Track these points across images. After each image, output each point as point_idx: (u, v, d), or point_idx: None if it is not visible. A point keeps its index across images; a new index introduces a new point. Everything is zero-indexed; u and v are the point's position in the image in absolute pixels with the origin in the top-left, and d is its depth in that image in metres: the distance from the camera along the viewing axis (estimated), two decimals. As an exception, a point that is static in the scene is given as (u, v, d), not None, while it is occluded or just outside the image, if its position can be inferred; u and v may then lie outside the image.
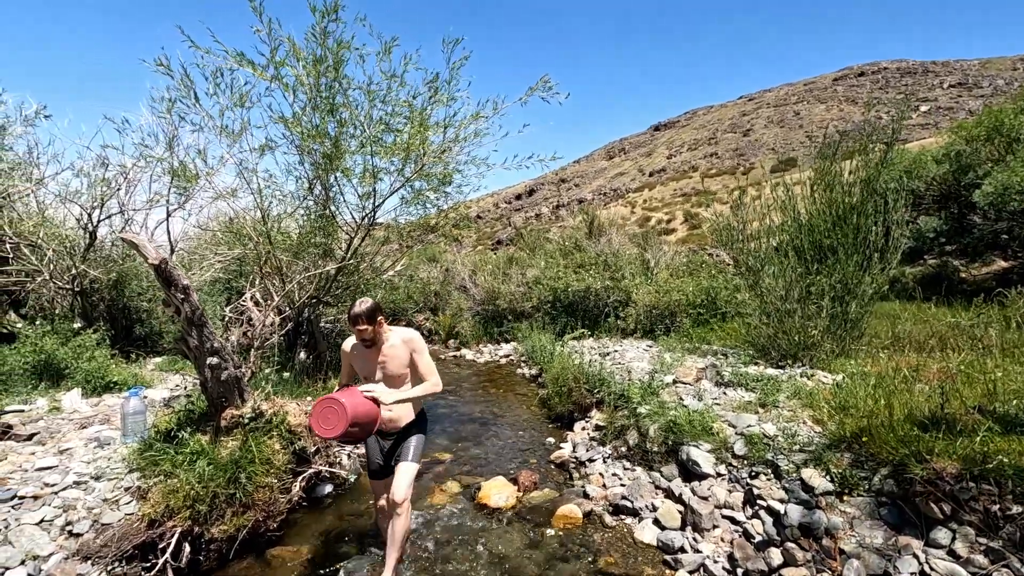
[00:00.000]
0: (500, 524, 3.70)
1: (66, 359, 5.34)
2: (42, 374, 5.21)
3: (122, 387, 5.47)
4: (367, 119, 4.97)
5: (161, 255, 2.85)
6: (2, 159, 6.17)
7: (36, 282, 5.92)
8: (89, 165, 6.27)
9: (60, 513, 3.05)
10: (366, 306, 2.92)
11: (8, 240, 5.70)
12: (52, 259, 5.94)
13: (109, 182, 6.48)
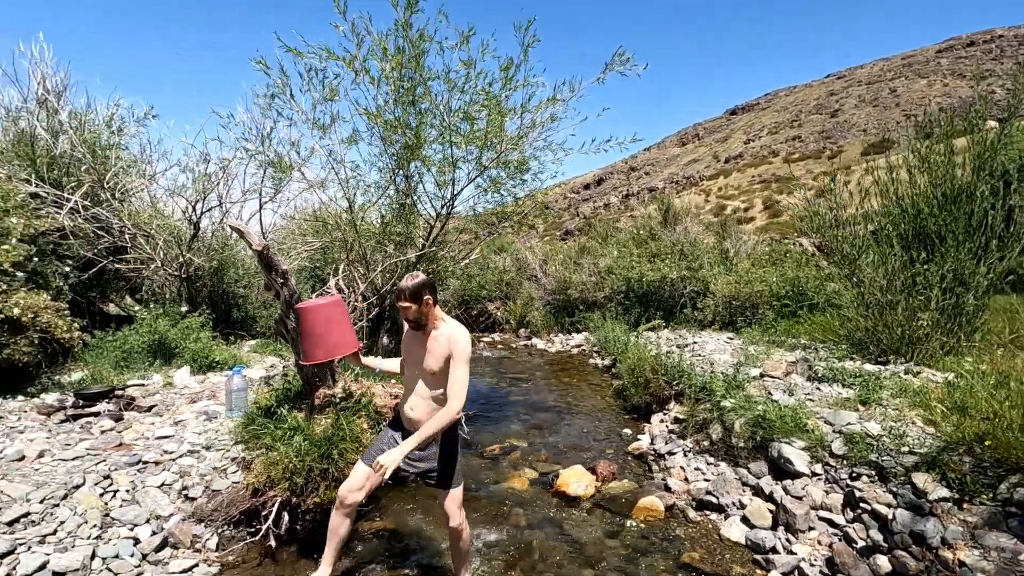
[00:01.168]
0: (579, 512, 3.68)
1: (176, 339, 5.84)
2: (156, 353, 5.72)
3: (223, 366, 5.92)
4: (446, 108, 5.04)
5: (264, 242, 3.03)
6: (121, 157, 6.81)
7: (150, 269, 6.50)
8: (193, 161, 6.81)
9: (177, 478, 3.34)
10: (413, 282, 2.57)
11: (127, 231, 6.28)
12: (163, 248, 6.49)
13: (210, 177, 7.00)
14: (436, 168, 5.23)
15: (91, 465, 3.26)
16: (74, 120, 6.38)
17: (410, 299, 2.57)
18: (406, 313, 2.61)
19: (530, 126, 5.27)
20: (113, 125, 6.97)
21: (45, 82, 6.32)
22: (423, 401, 2.69)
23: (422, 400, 2.70)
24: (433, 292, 2.65)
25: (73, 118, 6.43)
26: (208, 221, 7.49)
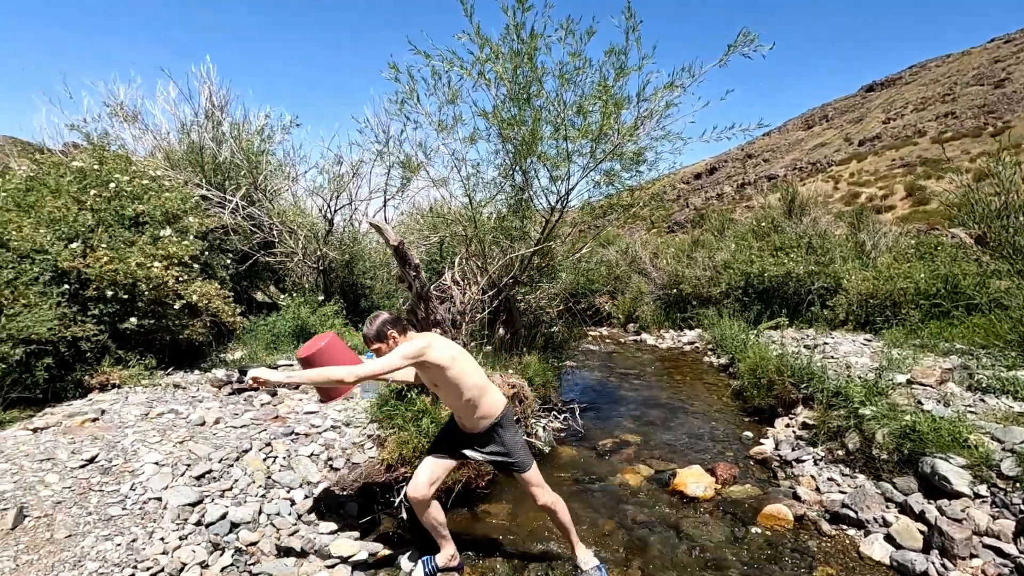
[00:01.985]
0: (697, 514, 3.58)
1: (315, 325, 6.47)
2: (299, 336, 6.39)
3: (354, 351, 6.46)
4: (559, 103, 5.09)
5: (399, 238, 3.28)
6: (270, 162, 7.64)
7: (293, 262, 7.27)
8: (328, 163, 7.48)
9: (323, 450, 3.74)
10: (373, 326, 2.69)
11: (275, 227, 7.07)
12: (304, 242, 7.22)
13: (342, 177, 7.64)
14: (550, 163, 5.30)
15: (255, 433, 3.74)
16: (233, 130, 7.27)
17: (375, 339, 2.69)
18: (379, 354, 2.67)
19: (646, 115, 5.15)
20: (264, 133, 7.84)
21: (212, 97, 7.27)
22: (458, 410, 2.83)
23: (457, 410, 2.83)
24: (396, 325, 2.74)
25: (232, 128, 7.33)
26: (340, 218, 8.20)
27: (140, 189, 5.30)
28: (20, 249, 4.11)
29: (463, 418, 2.81)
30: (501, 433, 2.79)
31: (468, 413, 2.76)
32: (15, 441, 3.15)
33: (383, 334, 2.68)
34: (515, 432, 2.86)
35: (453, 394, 2.71)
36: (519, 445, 2.84)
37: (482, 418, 2.76)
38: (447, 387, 2.68)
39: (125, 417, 3.63)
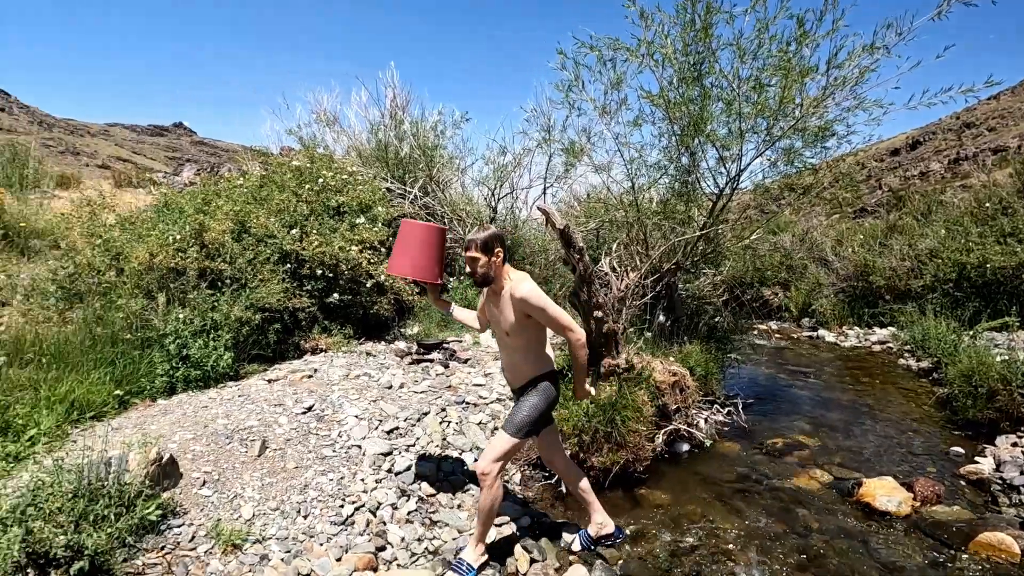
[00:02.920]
0: (888, 530, 3.19)
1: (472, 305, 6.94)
2: (465, 316, 6.91)
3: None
4: (734, 77, 4.77)
5: (566, 222, 3.38)
6: (442, 156, 8.31)
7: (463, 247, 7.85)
8: (493, 154, 7.90)
9: (490, 420, 4.03)
10: (484, 233, 2.53)
11: (446, 216, 7.69)
12: (471, 230, 7.75)
13: (505, 167, 8.03)
14: (720, 143, 5.01)
15: (432, 399, 4.17)
16: (412, 128, 8.04)
17: (481, 250, 2.50)
18: (473, 266, 2.54)
19: (836, 84, 4.60)
20: (437, 129, 8.54)
21: (395, 99, 8.11)
22: (509, 359, 2.76)
23: (508, 358, 2.76)
24: (504, 247, 2.59)
25: (412, 126, 8.11)
26: (502, 206, 8.64)
27: (340, 183, 6.15)
28: (257, 234, 5.03)
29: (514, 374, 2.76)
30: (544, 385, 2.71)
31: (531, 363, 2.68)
32: (256, 388, 3.91)
33: (491, 247, 2.52)
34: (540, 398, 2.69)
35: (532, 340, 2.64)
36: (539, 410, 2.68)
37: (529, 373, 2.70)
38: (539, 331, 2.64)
39: (331, 376, 4.29)
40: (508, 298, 2.54)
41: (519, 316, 2.53)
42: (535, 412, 2.65)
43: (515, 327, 2.58)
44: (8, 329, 3.52)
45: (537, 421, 2.67)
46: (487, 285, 2.63)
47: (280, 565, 2.38)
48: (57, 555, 1.90)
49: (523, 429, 2.63)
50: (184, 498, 2.61)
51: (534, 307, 2.47)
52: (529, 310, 2.49)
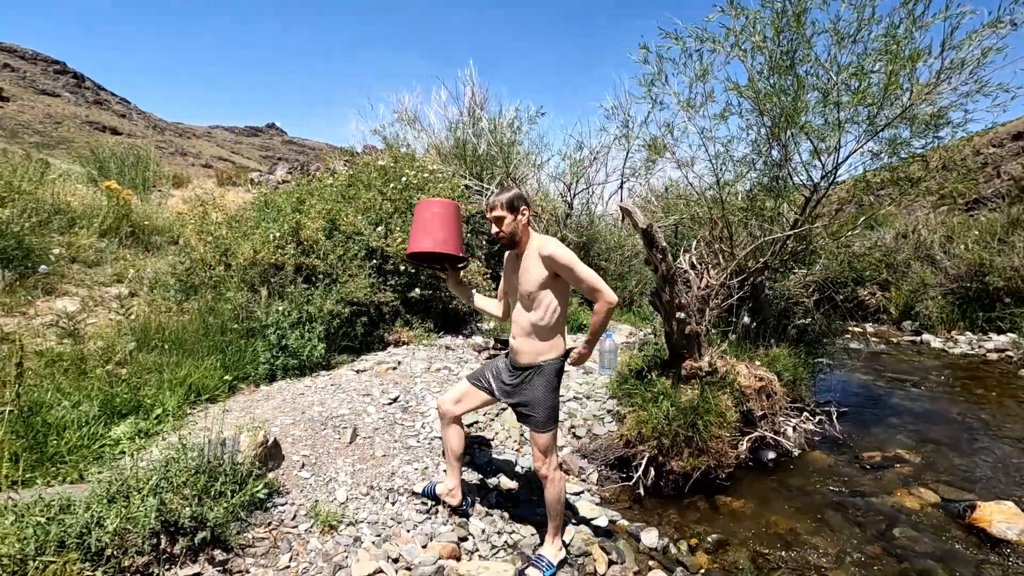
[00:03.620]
0: (1008, 559, 2.90)
1: (554, 303, 6.96)
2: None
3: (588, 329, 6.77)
4: (831, 64, 4.46)
5: (648, 220, 3.32)
6: (519, 152, 8.37)
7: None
8: (570, 149, 7.87)
9: (567, 418, 4.05)
10: (508, 193, 2.48)
11: (522, 212, 7.77)
12: (546, 225, 7.77)
13: (582, 162, 7.97)
14: (815, 135, 4.71)
15: (510, 394, 4.24)
16: (490, 125, 8.15)
17: (506, 208, 2.45)
18: (499, 225, 2.48)
19: (952, 67, 4.19)
20: (513, 126, 8.61)
21: (474, 97, 8.26)
22: (522, 329, 2.57)
23: (521, 329, 2.58)
24: (528, 206, 2.54)
25: (489, 123, 8.22)
26: (578, 201, 8.59)
27: (422, 181, 6.35)
28: (346, 232, 5.31)
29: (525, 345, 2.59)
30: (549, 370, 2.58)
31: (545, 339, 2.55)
32: (346, 379, 4.15)
33: (516, 206, 2.48)
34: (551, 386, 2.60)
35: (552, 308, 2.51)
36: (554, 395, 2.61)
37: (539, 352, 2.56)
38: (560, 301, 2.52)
39: (414, 369, 4.47)
40: (535, 256, 2.48)
41: (545, 277, 2.45)
42: (549, 402, 2.59)
43: (538, 290, 2.48)
44: (137, 317, 3.96)
45: (555, 407, 2.63)
46: (513, 247, 2.59)
47: (372, 548, 2.53)
48: (184, 525, 2.13)
49: (552, 419, 2.61)
50: (286, 479, 2.83)
51: (561, 264, 2.40)
52: (556, 268, 2.42)
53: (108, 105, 55.91)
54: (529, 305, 2.53)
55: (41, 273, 3.98)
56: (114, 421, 2.94)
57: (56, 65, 55.78)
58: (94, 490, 2.11)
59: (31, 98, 47.16)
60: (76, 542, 1.85)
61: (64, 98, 50.86)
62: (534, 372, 2.58)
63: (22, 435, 2.52)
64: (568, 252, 2.44)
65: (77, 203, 5.25)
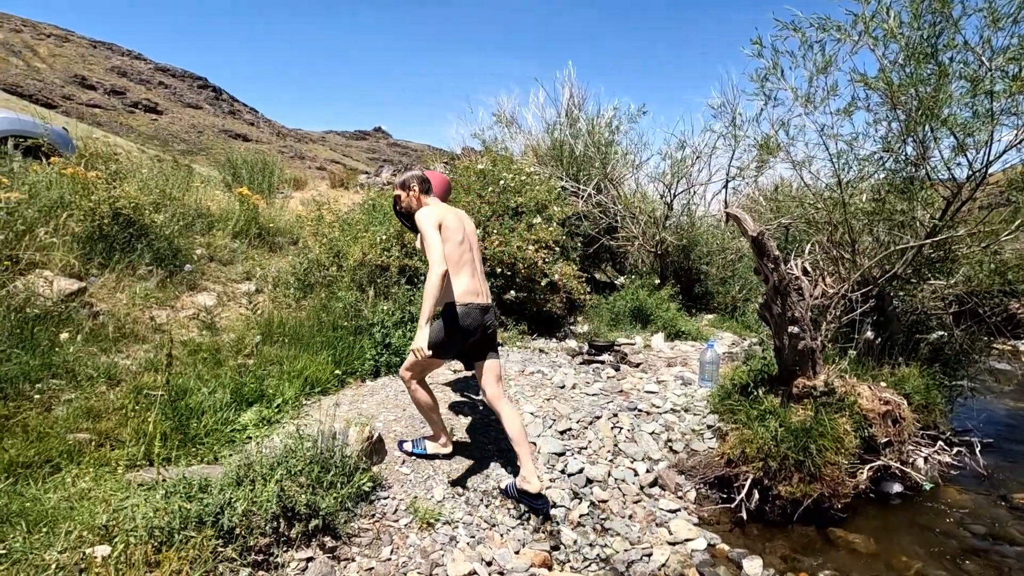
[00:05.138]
0: None
1: (650, 308, 6.75)
2: (635, 317, 6.77)
3: (688, 336, 6.50)
4: (983, 48, 3.92)
5: (759, 227, 3.11)
6: (616, 152, 8.20)
7: (635, 246, 7.70)
8: (672, 148, 7.58)
9: (663, 430, 3.91)
10: (401, 176, 3.15)
11: (619, 213, 7.60)
12: (643, 227, 7.56)
13: (683, 161, 7.65)
14: (960, 128, 4.16)
15: (603, 403, 4.18)
16: (588, 125, 8.06)
17: (400, 188, 3.09)
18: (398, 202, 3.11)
19: None
20: (612, 125, 8.45)
21: (572, 98, 8.21)
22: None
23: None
24: (420, 184, 3.08)
25: (587, 123, 8.13)
26: (678, 203, 8.25)
27: (519, 184, 6.42)
28: (446, 234, 5.49)
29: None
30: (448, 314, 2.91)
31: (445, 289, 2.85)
32: (444, 379, 4.29)
33: (407, 185, 3.07)
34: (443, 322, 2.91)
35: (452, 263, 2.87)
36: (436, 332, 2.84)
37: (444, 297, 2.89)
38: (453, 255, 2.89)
39: (509, 371, 4.54)
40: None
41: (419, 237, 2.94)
42: (435, 332, 2.83)
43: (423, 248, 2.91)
44: (262, 313, 4.36)
45: (439, 344, 2.85)
46: (411, 217, 3.04)
47: (466, 549, 2.60)
48: (300, 511, 2.31)
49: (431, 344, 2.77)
50: (388, 474, 2.98)
51: (419, 226, 2.86)
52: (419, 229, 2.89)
53: (240, 115, 62.30)
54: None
55: (187, 271, 4.51)
56: (242, 408, 3.26)
57: (199, 81, 63.05)
58: (226, 472, 2.35)
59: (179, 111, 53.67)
60: (212, 520, 2.07)
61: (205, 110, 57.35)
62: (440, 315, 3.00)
63: (169, 417, 2.87)
64: (424, 217, 2.86)
65: (215, 207, 5.88)
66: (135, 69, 57.22)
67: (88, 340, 3.30)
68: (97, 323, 3.57)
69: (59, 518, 2.02)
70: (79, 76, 49.91)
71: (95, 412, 2.83)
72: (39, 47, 51.58)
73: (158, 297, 4.14)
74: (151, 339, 3.72)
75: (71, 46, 55.30)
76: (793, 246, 6.78)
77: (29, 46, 50.79)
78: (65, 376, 3.03)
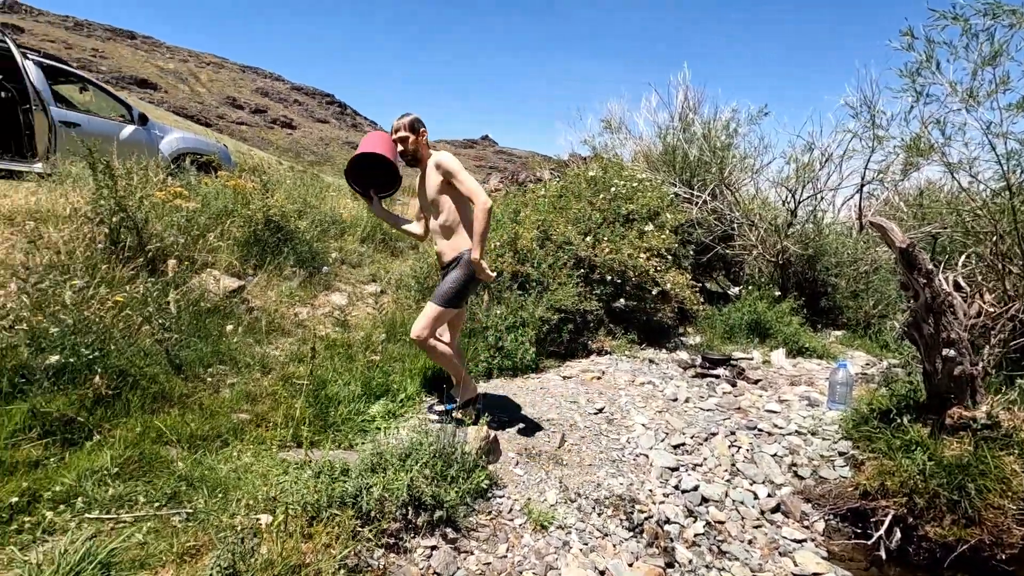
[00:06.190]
0: None
1: (770, 321, 6.33)
2: (752, 331, 6.39)
3: (812, 353, 6.02)
4: None
5: (907, 239, 2.83)
6: (734, 155, 7.81)
7: (753, 255, 7.27)
8: (798, 151, 7.07)
9: (787, 454, 3.66)
10: (408, 116, 3.05)
11: (736, 220, 7.22)
12: (763, 235, 7.11)
13: (811, 164, 7.10)
14: None
15: (719, 419, 4.00)
16: (703, 128, 7.75)
17: (408, 129, 3.02)
18: (404, 145, 3.03)
19: None
20: (729, 128, 8.05)
21: (687, 100, 7.94)
22: (438, 234, 3.13)
23: (437, 234, 3.13)
24: (424, 127, 3.09)
25: (702, 127, 7.83)
26: (802, 210, 7.67)
27: (630, 190, 6.33)
28: (557, 241, 5.56)
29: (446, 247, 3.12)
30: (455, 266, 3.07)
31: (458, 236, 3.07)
32: (553, 383, 4.35)
33: (416, 128, 3.04)
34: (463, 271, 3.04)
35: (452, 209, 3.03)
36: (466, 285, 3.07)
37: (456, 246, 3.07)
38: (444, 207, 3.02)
39: (618, 380, 4.49)
40: (432, 168, 3.00)
41: (441, 184, 2.97)
42: (457, 284, 3.03)
43: (437, 195, 3.00)
44: (386, 312, 4.70)
45: (460, 293, 3.06)
46: (417, 163, 3.11)
47: (579, 555, 2.61)
48: (426, 502, 2.47)
49: (449, 299, 3.03)
50: (503, 473, 3.08)
51: (447, 169, 2.91)
52: (445, 174, 2.93)
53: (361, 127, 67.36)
54: (436, 212, 3.07)
55: (323, 273, 4.97)
56: (371, 401, 3.53)
57: (327, 97, 69.17)
58: (362, 459, 2.57)
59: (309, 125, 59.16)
60: (352, 501, 2.27)
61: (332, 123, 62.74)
62: (456, 262, 3.08)
63: (312, 405, 3.18)
64: (453, 159, 2.96)
65: (346, 214, 6.42)
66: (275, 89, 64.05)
67: (246, 332, 3.76)
68: (252, 317, 4.05)
69: (230, 486, 2.32)
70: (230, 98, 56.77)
71: (252, 396, 3.22)
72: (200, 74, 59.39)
73: (300, 296, 4.61)
74: (294, 333, 4.16)
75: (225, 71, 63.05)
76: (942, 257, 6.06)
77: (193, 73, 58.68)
78: (228, 363, 3.48)
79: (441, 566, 2.31)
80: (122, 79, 50.17)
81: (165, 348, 3.09)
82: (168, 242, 3.82)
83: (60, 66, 6.27)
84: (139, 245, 3.62)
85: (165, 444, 2.60)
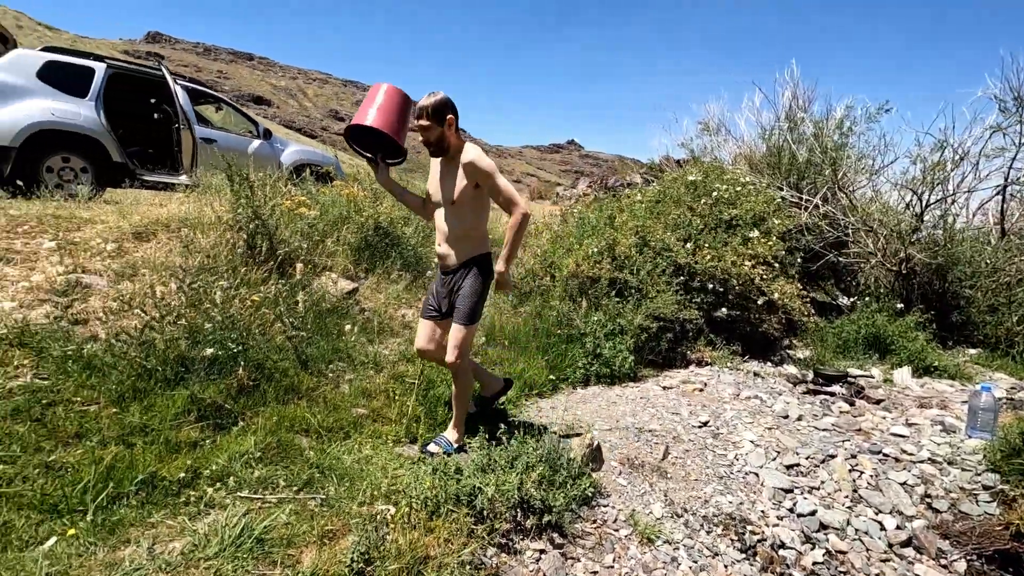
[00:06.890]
0: None
1: (892, 336, 5.80)
2: (871, 346, 5.89)
3: (942, 372, 5.44)
4: None
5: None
6: (849, 156, 7.26)
7: (870, 264, 6.70)
8: (925, 150, 6.43)
9: (919, 483, 3.34)
10: (434, 99, 2.52)
11: (851, 225, 6.69)
12: (884, 242, 6.53)
13: (942, 164, 6.44)
14: None
15: (837, 440, 3.72)
16: (815, 128, 7.27)
17: (432, 118, 2.53)
18: (426, 134, 2.57)
19: None
20: (843, 126, 7.49)
21: (795, 98, 7.48)
22: (444, 235, 2.74)
23: (444, 234, 2.74)
24: (455, 113, 2.57)
25: (813, 126, 7.34)
26: (928, 215, 6.96)
27: (733, 195, 6.07)
28: (655, 247, 5.44)
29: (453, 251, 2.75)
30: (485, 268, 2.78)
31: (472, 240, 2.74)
32: (653, 393, 4.26)
33: (442, 116, 2.55)
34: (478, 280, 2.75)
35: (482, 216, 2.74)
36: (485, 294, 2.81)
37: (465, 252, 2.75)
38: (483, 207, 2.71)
39: (721, 393, 4.31)
40: (461, 167, 2.60)
41: (466, 185, 2.59)
42: (476, 296, 2.74)
43: (461, 197, 2.62)
44: (484, 317, 4.83)
45: (481, 305, 2.80)
46: (441, 154, 2.67)
47: (689, 573, 2.54)
48: (535, 505, 2.51)
49: (475, 315, 2.75)
50: (606, 482, 3.06)
51: (481, 171, 2.55)
52: (476, 176, 2.57)
53: (450, 134, 69.86)
54: (453, 211, 2.69)
55: (427, 277, 5.20)
56: (474, 402, 3.64)
57: (420, 107, 72.39)
58: (473, 460, 2.66)
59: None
60: (467, 500, 2.36)
61: (423, 132, 65.55)
62: (464, 270, 2.76)
63: (422, 403, 3.34)
64: (488, 161, 2.58)
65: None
66: (372, 101, 68.03)
67: (360, 332, 4.02)
68: (364, 318, 4.32)
69: (355, 476, 2.50)
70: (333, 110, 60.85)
71: (368, 392, 3.43)
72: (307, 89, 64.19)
73: (406, 298, 4.85)
74: (402, 334, 4.38)
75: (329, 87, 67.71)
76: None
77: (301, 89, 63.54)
78: (346, 360, 3.73)
79: (551, 571, 2.34)
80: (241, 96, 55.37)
81: (294, 345, 3.37)
82: (294, 247, 4.17)
83: (200, 88, 7.06)
84: (271, 249, 3.98)
85: (297, 433, 2.84)
